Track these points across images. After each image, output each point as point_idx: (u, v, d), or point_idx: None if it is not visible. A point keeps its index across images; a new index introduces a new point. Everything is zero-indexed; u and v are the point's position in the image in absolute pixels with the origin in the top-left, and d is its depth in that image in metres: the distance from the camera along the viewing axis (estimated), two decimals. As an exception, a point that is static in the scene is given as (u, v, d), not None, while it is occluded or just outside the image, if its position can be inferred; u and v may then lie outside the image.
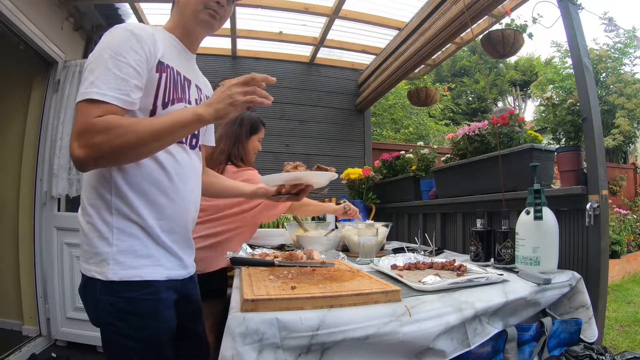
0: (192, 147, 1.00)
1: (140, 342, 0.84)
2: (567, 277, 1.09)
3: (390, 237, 2.16)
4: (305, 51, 3.52)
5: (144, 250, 0.86)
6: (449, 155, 2.04)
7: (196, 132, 0.99)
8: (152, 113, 0.87)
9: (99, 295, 0.83)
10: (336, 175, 1.16)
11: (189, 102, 0.97)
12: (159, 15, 2.86)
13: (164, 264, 0.89)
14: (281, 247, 1.90)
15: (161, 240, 0.89)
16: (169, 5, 1.07)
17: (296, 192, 1.15)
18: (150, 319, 0.85)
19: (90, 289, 0.84)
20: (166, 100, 0.89)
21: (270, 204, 1.61)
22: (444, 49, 2.87)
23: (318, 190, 1.25)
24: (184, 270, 0.97)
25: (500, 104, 14.90)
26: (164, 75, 0.89)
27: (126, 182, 0.85)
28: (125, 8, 2.87)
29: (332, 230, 1.81)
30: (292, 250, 1.56)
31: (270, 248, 1.77)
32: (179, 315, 0.93)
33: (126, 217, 0.85)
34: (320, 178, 1.14)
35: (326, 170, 1.17)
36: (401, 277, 1.01)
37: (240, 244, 1.45)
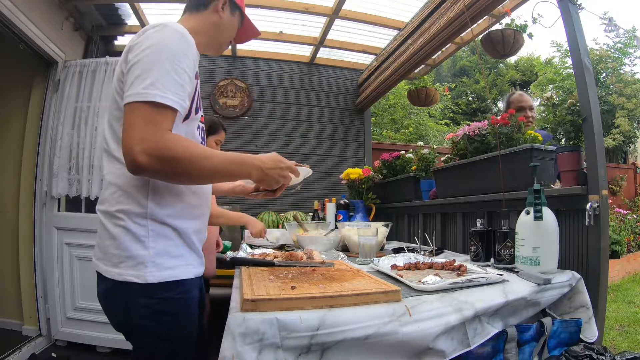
0: None
1: (174, 342, 0.85)
2: (567, 277, 1.09)
3: (390, 237, 2.16)
4: (305, 51, 3.52)
5: (176, 251, 0.87)
6: (449, 155, 2.04)
7: (204, 136, 1.03)
8: (186, 117, 0.88)
9: (133, 299, 0.81)
10: (311, 172, 1.17)
11: None
12: (159, 15, 2.85)
13: (191, 262, 0.91)
14: (281, 247, 1.90)
15: (190, 241, 0.91)
16: (169, 5, 1.10)
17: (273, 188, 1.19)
18: (184, 318, 0.87)
19: (120, 293, 0.82)
20: (197, 105, 0.91)
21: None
22: (444, 49, 2.86)
23: (291, 187, 1.28)
24: (203, 267, 1.00)
25: (500, 104, 14.89)
26: (198, 81, 0.90)
27: (165, 185, 0.85)
28: (125, 8, 2.87)
29: (332, 230, 1.81)
30: (292, 250, 1.56)
31: (270, 248, 1.77)
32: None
33: (161, 220, 0.85)
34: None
35: (300, 166, 1.18)
36: (401, 277, 1.01)
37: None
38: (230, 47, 3.34)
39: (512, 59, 14.55)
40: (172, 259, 0.85)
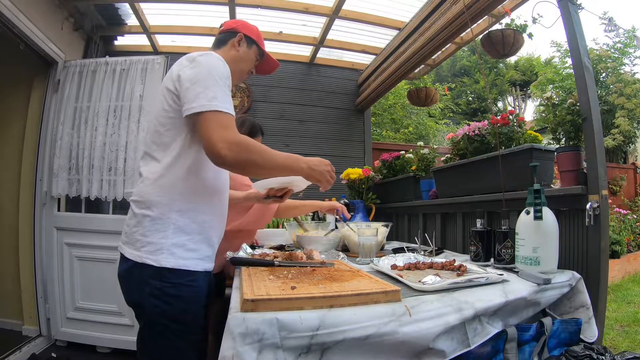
0: None
1: (180, 323, 0.95)
2: (567, 277, 1.09)
3: (390, 237, 2.16)
4: (305, 51, 3.52)
5: (192, 245, 0.98)
6: (449, 155, 2.04)
7: None
8: None
9: (148, 278, 0.93)
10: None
11: None
12: (159, 15, 2.86)
13: (203, 257, 1.02)
14: (281, 247, 1.89)
15: (208, 236, 1.03)
16: (169, 5, 1.14)
17: (281, 194, 1.34)
18: (191, 302, 0.96)
19: (138, 272, 0.94)
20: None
21: (258, 213, 1.64)
22: (444, 49, 2.86)
23: (296, 193, 1.42)
24: (213, 263, 1.08)
25: (500, 104, 14.90)
26: None
27: (197, 184, 0.99)
28: (125, 8, 2.87)
29: (332, 230, 1.81)
30: (292, 250, 1.56)
31: (270, 248, 1.77)
32: None
33: (186, 214, 0.97)
34: (301, 182, 1.26)
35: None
36: (401, 277, 1.01)
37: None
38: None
39: (512, 59, 14.53)
40: (186, 251, 0.97)
